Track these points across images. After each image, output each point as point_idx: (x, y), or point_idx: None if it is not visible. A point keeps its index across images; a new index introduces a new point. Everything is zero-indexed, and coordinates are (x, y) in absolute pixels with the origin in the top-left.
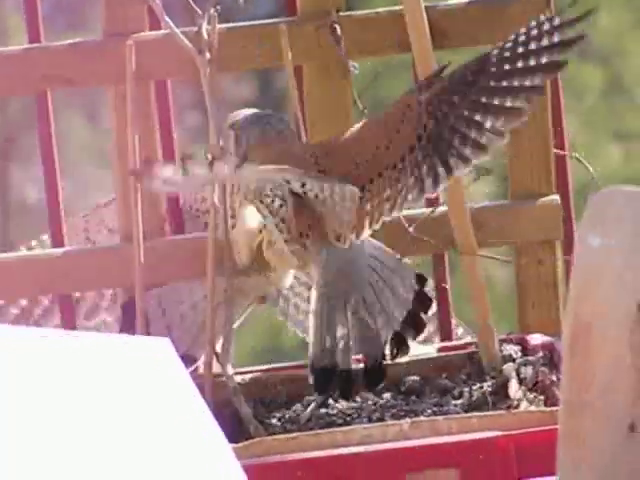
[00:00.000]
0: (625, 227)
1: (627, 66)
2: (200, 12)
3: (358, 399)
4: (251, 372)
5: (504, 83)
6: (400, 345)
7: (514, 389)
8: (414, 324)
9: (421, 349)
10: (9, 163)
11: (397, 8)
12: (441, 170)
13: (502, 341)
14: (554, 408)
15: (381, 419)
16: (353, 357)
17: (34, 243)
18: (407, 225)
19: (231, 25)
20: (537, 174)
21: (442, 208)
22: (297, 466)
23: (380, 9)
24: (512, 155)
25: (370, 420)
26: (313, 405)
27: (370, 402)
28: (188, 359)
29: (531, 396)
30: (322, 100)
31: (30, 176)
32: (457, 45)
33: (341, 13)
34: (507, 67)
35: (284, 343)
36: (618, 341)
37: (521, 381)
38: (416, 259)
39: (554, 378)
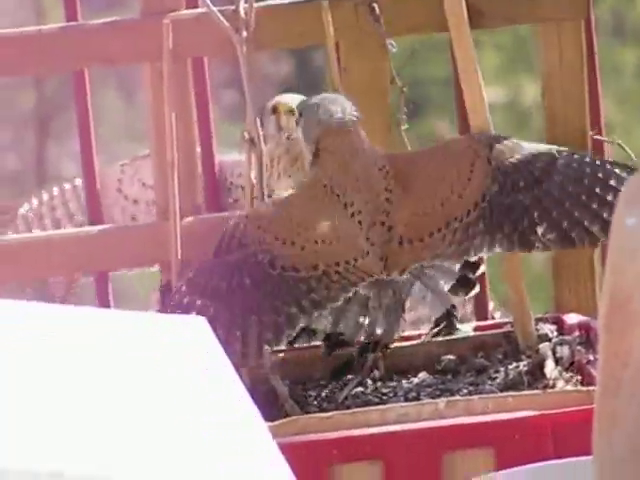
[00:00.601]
0: None
1: None
2: None
3: (394, 378)
4: (287, 350)
5: (567, 203)
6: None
7: (550, 368)
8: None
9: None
10: (46, 139)
11: None
12: (499, 239)
13: (538, 320)
14: (590, 387)
15: (417, 398)
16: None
17: (67, 186)
18: None
19: (268, 3)
20: None
21: None
22: (333, 445)
23: None
24: (548, 134)
25: (406, 399)
26: (350, 384)
27: (406, 381)
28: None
29: (567, 375)
30: (359, 77)
31: (66, 151)
32: (494, 25)
33: None
34: (570, 189)
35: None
36: None
37: (557, 360)
38: None
39: (590, 357)
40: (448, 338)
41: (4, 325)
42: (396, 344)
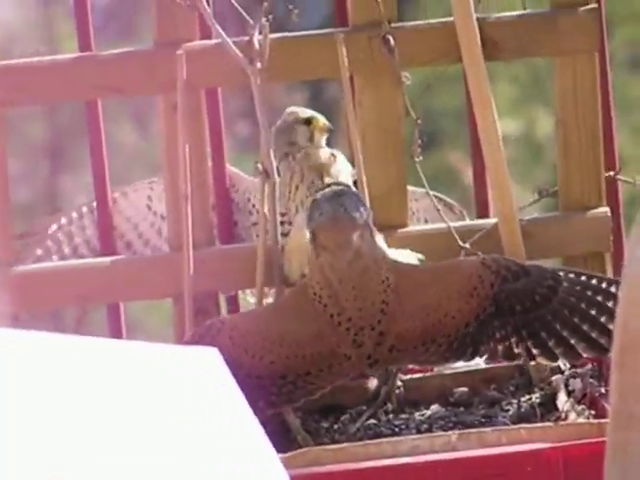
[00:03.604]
0: None
1: None
2: (252, 21)
3: (407, 410)
4: None
5: (557, 325)
6: None
7: (562, 401)
8: None
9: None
10: (59, 170)
11: (449, 19)
12: (482, 351)
13: None
14: (602, 420)
15: (429, 430)
16: None
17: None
18: (459, 239)
19: (283, 35)
20: (587, 186)
21: (492, 220)
22: (345, 477)
23: (432, 20)
24: (562, 167)
25: (418, 431)
26: (364, 416)
27: (418, 413)
28: None
29: (579, 408)
30: (374, 110)
31: (79, 183)
32: (508, 57)
33: (393, 24)
34: (566, 312)
35: None
36: None
37: (569, 393)
38: None
39: (602, 390)
40: (460, 371)
41: (17, 355)
42: (409, 376)
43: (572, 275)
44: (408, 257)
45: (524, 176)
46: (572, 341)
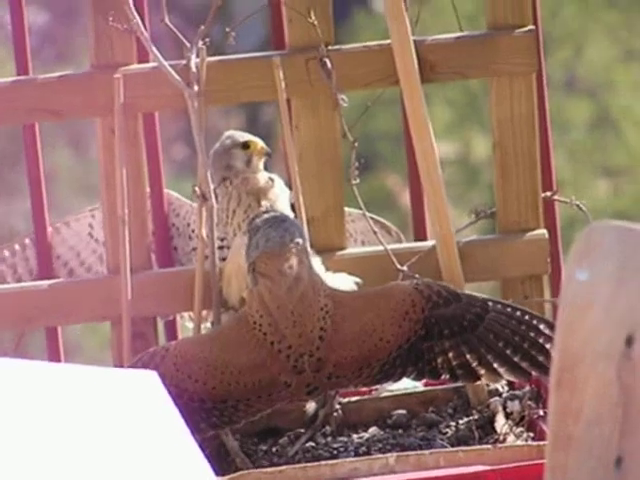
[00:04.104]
0: (612, 261)
1: (614, 100)
2: (189, 45)
3: (345, 433)
4: None
5: (482, 349)
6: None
7: (501, 423)
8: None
9: (408, 383)
10: None
11: (386, 42)
12: (410, 371)
13: None
14: (541, 442)
15: (368, 453)
16: None
17: (27, 241)
18: (397, 261)
19: (220, 58)
20: (525, 208)
21: (430, 242)
22: None
23: (369, 43)
24: (499, 189)
25: (357, 454)
26: (302, 439)
27: (356, 436)
28: None
29: (518, 430)
30: (311, 133)
31: (16, 208)
32: (445, 79)
33: (330, 47)
34: (491, 337)
35: None
36: (605, 375)
37: (508, 415)
38: None
39: (541, 412)
40: (399, 393)
41: None
42: (347, 399)
43: (499, 305)
44: (344, 281)
45: (461, 198)
46: (495, 365)
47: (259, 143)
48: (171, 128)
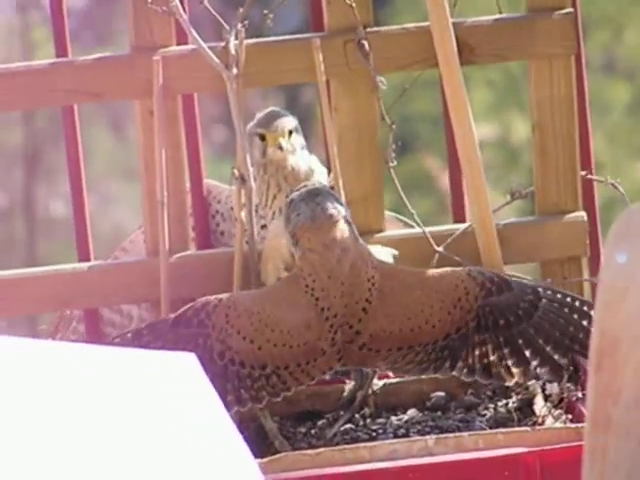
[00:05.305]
0: None
1: None
2: (227, 27)
3: (383, 415)
4: None
5: (540, 341)
6: None
7: (539, 405)
8: None
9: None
10: (34, 177)
11: (425, 24)
12: (460, 367)
13: None
14: (579, 424)
15: (406, 435)
16: None
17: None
18: (434, 243)
19: (259, 40)
20: (563, 190)
21: (468, 224)
22: None
23: (408, 25)
24: (538, 171)
25: (395, 436)
26: (341, 421)
27: (395, 418)
28: None
29: (556, 413)
30: (350, 115)
31: (55, 191)
32: (484, 61)
33: (369, 29)
34: (547, 327)
35: None
36: None
37: (546, 397)
38: None
39: (579, 395)
40: (438, 375)
41: None
42: (385, 381)
43: (549, 292)
44: (381, 253)
45: (500, 181)
46: (556, 357)
47: (274, 133)
48: (210, 110)
